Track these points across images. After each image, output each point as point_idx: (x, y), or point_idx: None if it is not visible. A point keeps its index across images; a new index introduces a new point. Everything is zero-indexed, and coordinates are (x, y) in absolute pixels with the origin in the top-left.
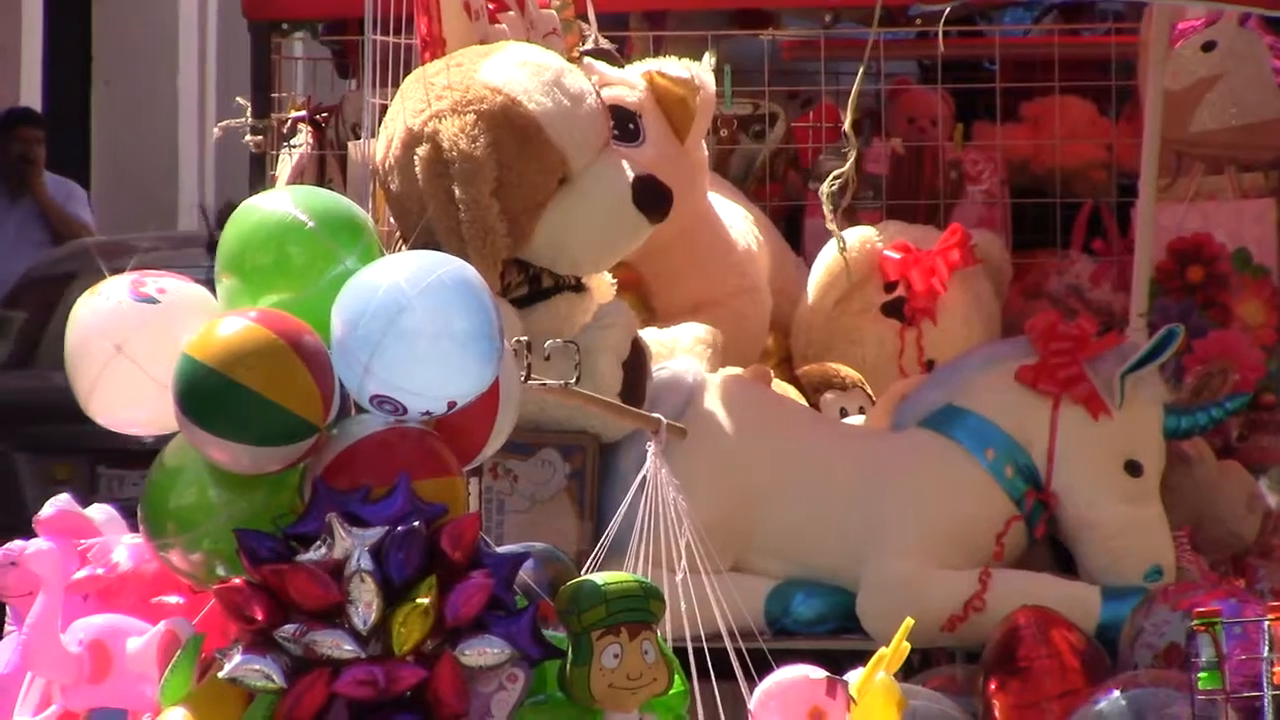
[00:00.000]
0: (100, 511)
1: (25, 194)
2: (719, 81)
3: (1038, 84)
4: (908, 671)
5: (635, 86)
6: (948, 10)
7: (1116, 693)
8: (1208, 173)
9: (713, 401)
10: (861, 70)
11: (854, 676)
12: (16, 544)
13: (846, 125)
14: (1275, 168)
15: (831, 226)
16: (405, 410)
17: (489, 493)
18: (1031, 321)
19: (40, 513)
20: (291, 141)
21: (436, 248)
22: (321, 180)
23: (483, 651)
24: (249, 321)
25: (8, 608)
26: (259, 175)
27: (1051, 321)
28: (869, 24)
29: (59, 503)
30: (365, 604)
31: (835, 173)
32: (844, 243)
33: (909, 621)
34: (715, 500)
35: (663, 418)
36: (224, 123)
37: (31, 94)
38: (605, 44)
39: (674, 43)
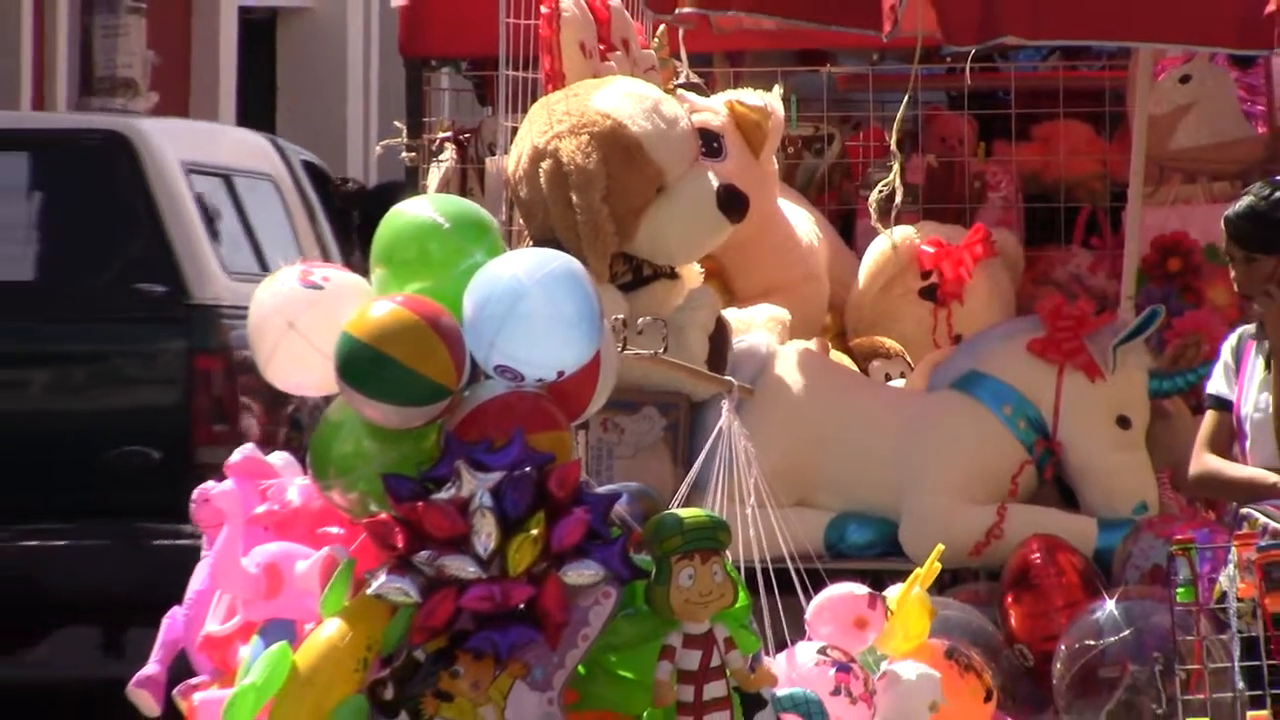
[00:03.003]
0: (279, 458)
1: None
2: (786, 108)
3: (1045, 110)
4: (940, 588)
5: (719, 112)
6: (973, 50)
7: (1110, 604)
8: (1184, 182)
9: (782, 368)
10: (905, 100)
11: (893, 591)
12: (209, 484)
13: (892, 145)
14: (1240, 178)
15: (877, 225)
16: (523, 377)
17: (600, 443)
18: (1041, 303)
19: (230, 459)
20: (439, 157)
21: (558, 244)
22: (463, 190)
23: (581, 573)
24: (396, 305)
25: (204, 536)
26: (412, 185)
27: (1057, 303)
28: (909, 62)
29: (245, 450)
30: (486, 534)
31: (881, 184)
32: (892, 237)
33: (940, 547)
34: (785, 448)
35: (734, 380)
36: (384, 142)
37: (228, 116)
38: (694, 78)
39: (750, 77)
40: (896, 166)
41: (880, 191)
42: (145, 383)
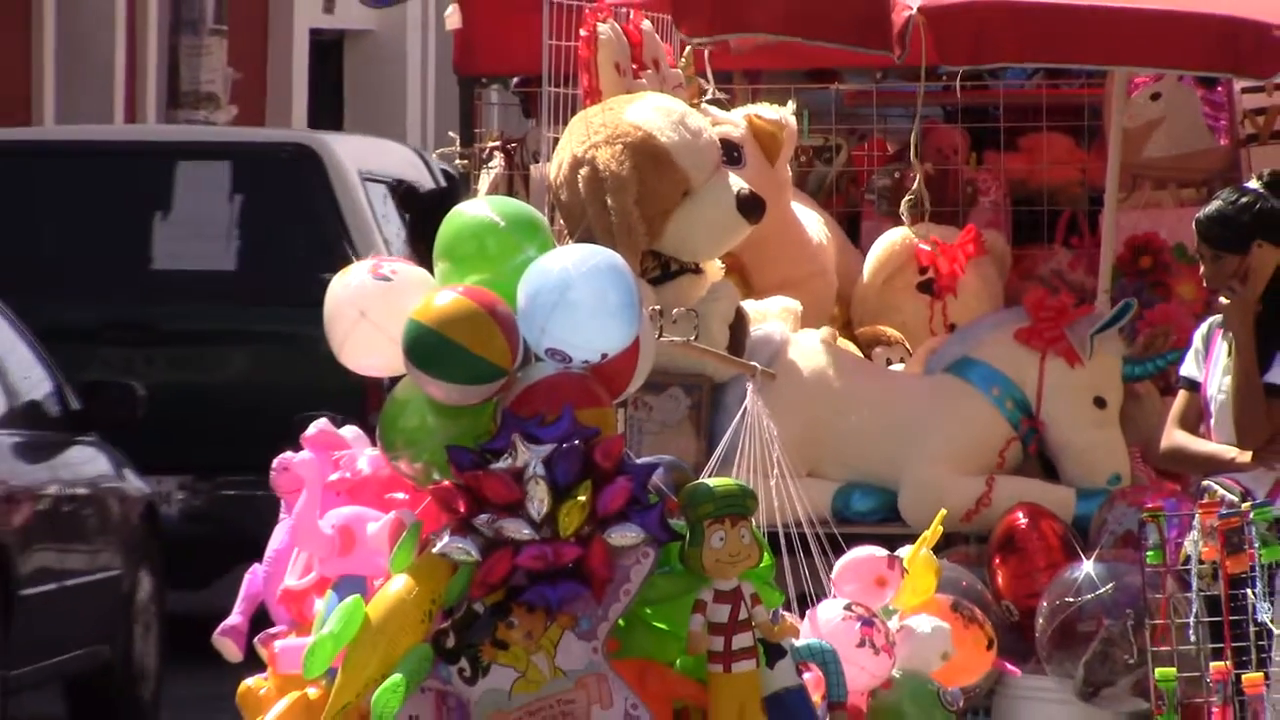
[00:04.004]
0: (350, 431)
1: None
2: (799, 121)
3: (1030, 124)
4: (935, 550)
5: (738, 125)
6: (961, 70)
7: (1087, 565)
8: (1155, 188)
9: (795, 353)
10: (918, 115)
11: (904, 552)
12: (287, 454)
13: (913, 155)
14: (1204, 184)
15: (910, 230)
16: (571, 359)
17: (631, 419)
18: (1026, 296)
19: (306, 431)
20: (489, 165)
21: (595, 242)
22: (510, 194)
23: (624, 535)
24: (457, 295)
25: (282, 501)
26: (465, 189)
27: (1040, 296)
28: (908, 80)
29: (320, 424)
30: (539, 500)
31: (910, 191)
32: (925, 235)
33: (943, 512)
34: (797, 425)
35: (758, 365)
36: (440, 150)
37: (299, 127)
38: (717, 94)
39: (766, 93)
40: (920, 176)
41: (909, 200)
42: (327, 357)
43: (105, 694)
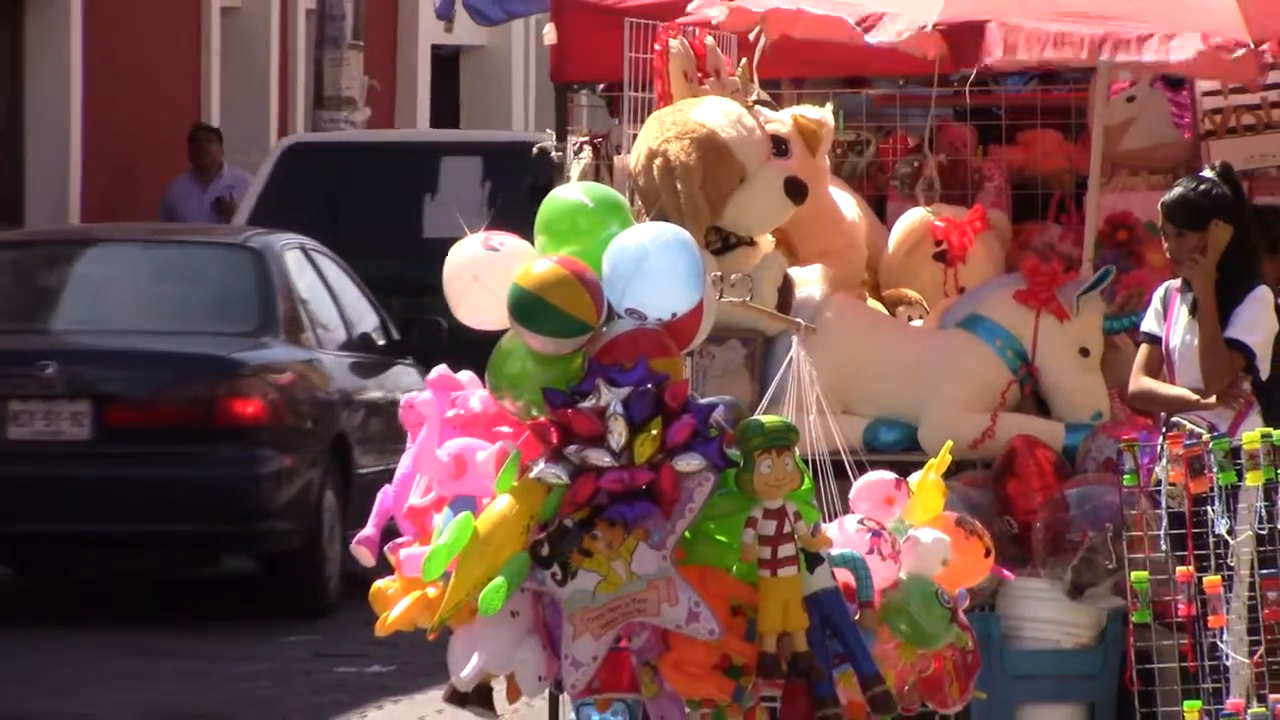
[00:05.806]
0: (465, 375)
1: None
2: (835, 120)
3: (1027, 122)
4: (949, 474)
5: (785, 123)
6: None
7: (1075, 488)
8: (1130, 175)
9: (832, 311)
10: (931, 115)
11: (914, 478)
12: (412, 394)
13: (926, 148)
14: (1171, 172)
15: (927, 209)
16: (646, 317)
17: (697, 366)
18: (1023, 264)
19: (429, 375)
20: (580, 156)
21: (667, 220)
22: (598, 180)
23: (689, 462)
24: (553, 263)
25: (408, 433)
26: (559, 176)
27: (1035, 263)
28: (927, 86)
29: (439, 370)
30: (618, 433)
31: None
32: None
33: (949, 444)
34: (833, 370)
35: (802, 321)
36: (538, 145)
37: (423, 125)
38: (766, 98)
39: (808, 97)
40: (933, 164)
41: (924, 182)
42: None
43: None
